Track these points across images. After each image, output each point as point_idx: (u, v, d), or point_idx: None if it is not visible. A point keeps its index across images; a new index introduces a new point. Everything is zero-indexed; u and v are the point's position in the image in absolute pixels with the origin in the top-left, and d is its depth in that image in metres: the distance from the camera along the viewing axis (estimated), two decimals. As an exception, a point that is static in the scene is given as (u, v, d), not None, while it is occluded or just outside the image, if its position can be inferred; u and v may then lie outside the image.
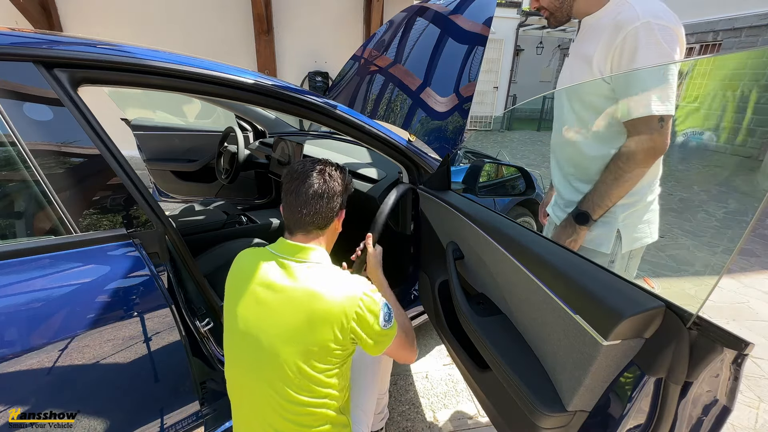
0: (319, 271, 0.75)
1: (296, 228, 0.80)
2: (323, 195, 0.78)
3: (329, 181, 0.80)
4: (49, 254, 0.70)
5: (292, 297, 0.72)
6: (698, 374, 0.54)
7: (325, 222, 0.81)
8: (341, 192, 0.83)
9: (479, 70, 1.19)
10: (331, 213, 0.81)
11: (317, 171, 0.79)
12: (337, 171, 0.83)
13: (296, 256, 0.77)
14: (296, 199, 0.78)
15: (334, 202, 0.81)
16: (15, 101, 0.68)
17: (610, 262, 1.03)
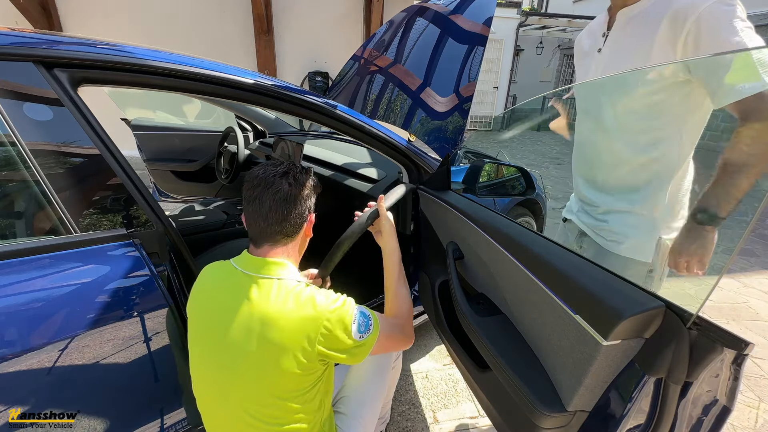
0: (281, 291, 0.69)
1: (262, 239, 0.74)
2: (290, 200, 0.73)
3: (295, 185, 0.74)
4: (49, 254, 0.70)
5: (248, 325, 0.66)
6: (698, 374, 0.54)
7: (294, 229, 0.75)
8: (309, 195, 0.77)
9: (479, 70, 1.19)
10: (300, 219, 0.76)
11: (281, 174, 0.73)
12: (302, 173, 0.77)
13: (260, 271, 0.71)
14: (260, 207, 0.71)
15: (303, 206, 0.76)
16: (15, 101, 0.68)
17: (648, 272, 0.96)
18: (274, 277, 0.70)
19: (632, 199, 0.97)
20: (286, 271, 0.73)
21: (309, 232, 0.82)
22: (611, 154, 0.98)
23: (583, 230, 1.11)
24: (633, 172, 0.95)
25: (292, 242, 0.77)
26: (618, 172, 0.98)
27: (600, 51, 0.99)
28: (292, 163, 0.78)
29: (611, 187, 1.01)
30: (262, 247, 0.74)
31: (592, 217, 1.07)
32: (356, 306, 0.75)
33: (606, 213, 1.03)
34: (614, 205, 1.00)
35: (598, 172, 1.04)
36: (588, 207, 1.09)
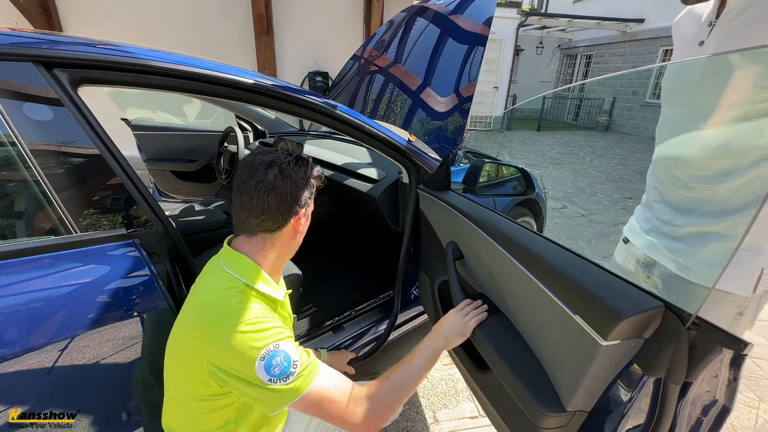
0: (223, 287, 0.64)
1: (241, 229, 0.71)
2: (273, 191, 0.67)
3: (280, 176, 0.67)
4: (49, 254, 0.70)
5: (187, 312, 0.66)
6: (697, 374, 0.54)
7: (276, 224, 0.69)
8: (299, 188, 0.69)
9: (479, 70, 1.19)
10: (285, 213, 0.69)
11: (266, 163, 0.68)
12: (295, 164, 0.70)
13: (227, 264, 0.68)
14: (242, 196, 0.68)
15: (289, 199, 0.68)
16: (15, 101, 0.68)
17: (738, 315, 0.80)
18: (232, 273, 0.66)
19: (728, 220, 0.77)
20: (251, 273, 0.68)
21: (298, 228, 0.73)
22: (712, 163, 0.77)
23: (650, 257, 0.91)
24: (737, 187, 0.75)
25: (272, 238, 0.70)
26: (717, 188, 0.78)
27: (702, 44, 0.79)
28: (287, 152, 0.72)
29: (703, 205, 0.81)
30: (239, 236, 0.71)
31: (670, 239, 0.86)
32: (290, 344, 0.62)
33: (689, 235, 0.83)
34: (704, 226, 0.80)
35: (687, 185, 0.82)
36: (665, 226, 0.88)
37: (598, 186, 4.67)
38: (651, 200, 0.93)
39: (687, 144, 0.84)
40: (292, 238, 0.74)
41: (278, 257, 0.74)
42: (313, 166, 0.74)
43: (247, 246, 0.70)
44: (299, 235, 0.76)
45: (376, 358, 1.74)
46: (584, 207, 3.85)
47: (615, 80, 9.93)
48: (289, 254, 0.77)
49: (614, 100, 9.95)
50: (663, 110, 0.89)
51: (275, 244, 0.71)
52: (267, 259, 0.71)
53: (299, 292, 1.45)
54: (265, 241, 0.70)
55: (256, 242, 0.70)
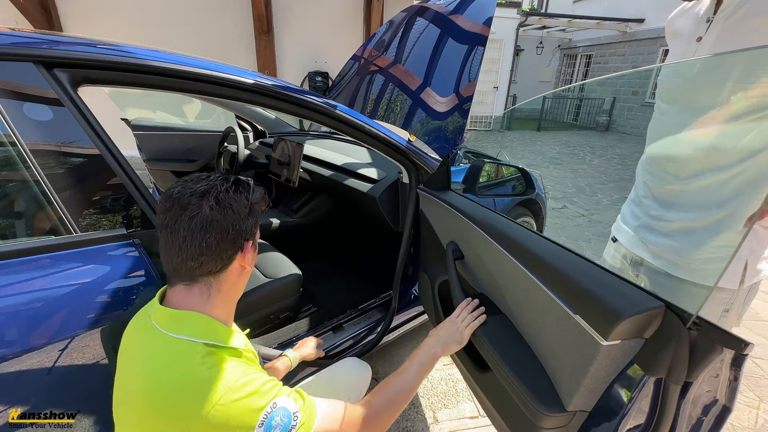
0: (174, 359, 0.52)
1: (176, 277, 0.58)
2: (210, 227, 0.55)
3: (218, 208, 0.56)
4: (49, 254, 0.70)
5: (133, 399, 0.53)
6: (698, 374, 0.54)
7: (219, 265, 0.58)
8: (241, 218, 0.59)
9: (479, 70, 1.19)
10: (229, 250, 0.58)
11: (199, 193, 0.56)
12: (234, 190, 0.59)
13: (168, 327, 0.55)
14: (172, 236, 0.55)
15: (231, 233, 0.57)
16: (15, 101, 0.68)
17: (724, 311, 0.81)
18: (182, 337, 0.54)
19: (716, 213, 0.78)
20: (200, 329, 0.56)
21: (247, 264, 0.63)
22: (703, 157, 0.78)
23: (638, 255, 0.92)
24: (726, 180, 0.75)
25: (217, 281, 0.59)
26: (706, 181, 0.78)
27: (700, 40, 0.79)
28: (223, 177, 0.60)
29: (692, 199, 0.81)
30: (175, 286, 0.59)
31: (658, 234, 0.87)
32: (284, 396, 0.55)
33: (678, 230, 0.83)
34: (692, 221, 0.81)
35: (678, 180, 0.82)
36: (654, 222, 0.89)
37: (598, 186, 4.67)
38: (640, 196, 0.93)
39: (679, 140, 0.84)
40: (240, 277, 0.63)
41: (227, 301, 0.63)
42: (255, 189, 0.64)
43: (188, 298, 0.58)
44: (247, 271, 0.65)
45: (375, 358, 1.75)
46: (584, 207, 3.85)
47: (615, 80, 9.93)
48: (237, 296, 0.66)
49: (614, 100, 9.95)
50: (657, 106, 0.90)
51: (222, 288, 0.60)
52: (216, 307, 0.60)
53: (299, 292, 1.45)
54: (210, 287, 0.59)
55: (199, 290, 0.58)
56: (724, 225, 0.77)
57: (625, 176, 5.18)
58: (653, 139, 0.90)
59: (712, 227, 0.79)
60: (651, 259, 0.89)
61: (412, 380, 0.75)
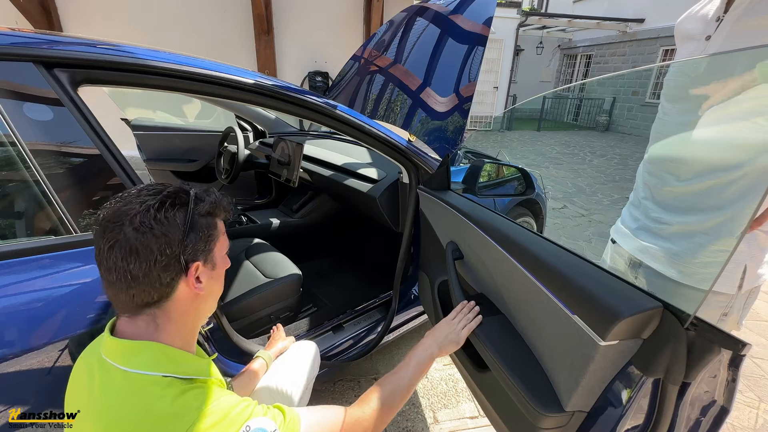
0: (133, 395, 0.47)
1: (118, 310, 0.53)
2: (130, 254, 0.48)
3: (136, 232, 0.48)
4: (49, 254, 0.70)
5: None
6: (696, 375, 0.54)
7: (155, 295, 0.51)
8: (177, 239, 0.50)
9: (479, 70, 1.19)
10: (163, 278, 0.50)
11: (122, 216, 0.48)
12: (158, 208, 0.50)
13: (120, 360, 0.49)
14: (100, 267, 0.50)
15: (161, 259, 0.49)
16: (15, 101, 0.68)
17: (722, 315, 0.81)
18: (138, 371, 0.48)
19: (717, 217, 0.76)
20: (152, 361, 0.50)
21: (196, 287, 0.54)
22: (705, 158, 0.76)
23: (636, 257, 0.91)
24: (727, 183, 0.73)
25: (161, 311, 0.52)
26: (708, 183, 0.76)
27: (709, 39, 0.78)
28: (155, 189, 0.52)
29: (693, 201, 0.79)
30: (121, 317, 0.53)
31: (657, 238, 0.86)
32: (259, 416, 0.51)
33: (678, 234, 0.82)
34: (692, 225, 0.79)
35: (679, 181, 0.80)
36: (654, 224, 0.87)
37: (598, 186, 4.67)
38: (641, 197, 0.92)
39: (681, 140, 0.83)
40: (194, 302, 0.55)
41: (183, 328, 0.56)
42: (199, 198, 0.55)
43: (134, 329, 0.52)
44: (205, 295, 0.56)
45: (376, 358, 1.75)
46: (584, 207, 3.86)
47: (615, 80, 9.93)
48: (199, 321, 0.59)
49: (614, 100, 9.95)
50: (661, 106, 0.89)
51: (171, 317, 0.53)
52: (170, 335, 0.53)
53: (299, 292, 1.45)
54: (155, 318, 0.52)
55: (144, 322, 0.52)
56: (725, 229, 0.75)
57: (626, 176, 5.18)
58: (656, 140, 0.89)
59: (712, 231, 0.77)
60: (650, 261, 0.88)
61: (410, 380, 0.75)
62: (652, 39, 8.90)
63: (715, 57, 0.77)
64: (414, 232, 1.40)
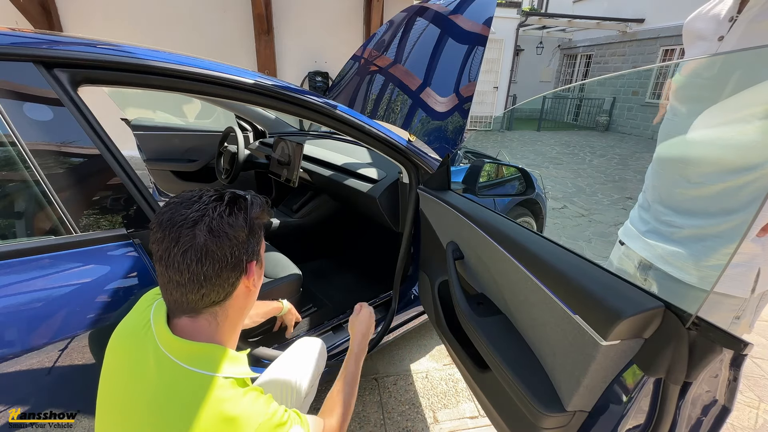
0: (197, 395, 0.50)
1: (179, 310, 0.55)
2: (206, 257, 0.51)
3: (211, 236, 0.51)
4: (49, 254, 0.70)
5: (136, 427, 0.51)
6: (697, 374, 0.54)
7: (223, 294, 0.55)
8: (243, 241, 0.55)
9: (479, 70, 1.19)
10: (231, 278, 0.54)
11: (192, 222, 0.51)
12: (228, 213, 0.53)
13: (180, 358, 0.52)
14: (168, 270, 0.52)
15: (231, 261, 0.53)
16: (15, 101, 0.68)
17: (735, 318, 0.80)
18: (199, 370, 0.51)
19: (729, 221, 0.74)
20: (217, 362, 0.53)
21: (251, 286, 0.59)
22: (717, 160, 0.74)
23: (647, 260, 0.89)
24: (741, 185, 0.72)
25: (222, 309, 0.56)
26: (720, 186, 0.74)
27: (722, 39, 0.77)
28: (216, 196, 0.55)
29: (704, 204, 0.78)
30: (180, 318, 0.55)
31: (668, 241, 0.84)
32: (297, 425, 0.56)
33: (689, 237, 0.81)
34: (704, 228, 0.78)
35: (690, 184, 0.79)
36: (664, 227, 0.86)
37: (598, 186, 4.67)
38: (650, 200, 0.91)
39: (692, 141, 0.81)
40: (247, 298, 0.60)
41: (236, 326, 0.61)
42: (253, 202, 0.59)
43: (195, 329, 0.55)
44: (254, 291, 0.62)
45: (375, 358, 1.75)
46: (584, 207, 3.86)
47: (615, 80, 9.93)
48: (245, 317, 0.64)
49: (614, 100, 9.95)
50: (671, 106, 0.87)
51: (228, 315, 0.57)
52: (226, 333, 0.58)
53: (299, 292, 1.45)
54: (216, 316, 0.56)
55: (206, 322, 0.55)
56: (738, 232, 0.73)
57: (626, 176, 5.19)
58: (665, 141, 0.88)
59: (725, 234, 0.75)
60: (661, 264, 0.86)
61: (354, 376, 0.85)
62: (652, 39, 8.90)
63: (728, 56, 0.76)
64: (414, 232, 1.40)
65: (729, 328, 0.78)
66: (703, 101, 0.78)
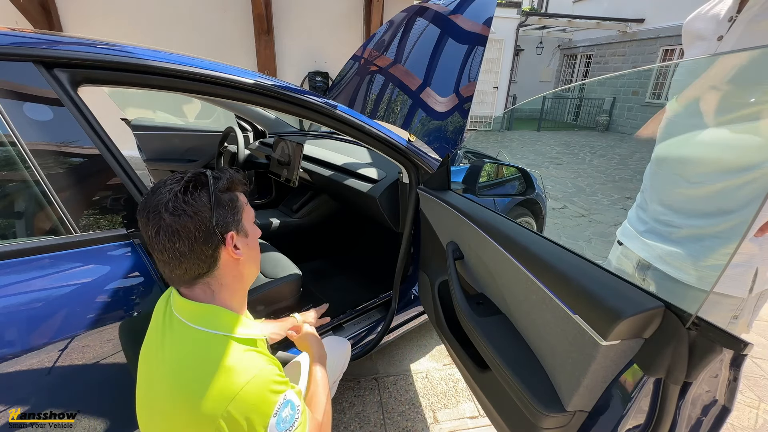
0: (201, 350, 0.56)
1: (175, 284, 0.62)
2: (174, 235, 0.55)
3: (173, 216, 0.55)
4: (49, 254, 0.70)
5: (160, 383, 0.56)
6: (697, 374, 0.54)
7: (205, 267, 0.59)
8: (207, 216, 0.57)
9: (479, 70, 1.19)
10: (207, 250, 0.58)
11: (158, 205, 0.56)
12: (184, 192, 0.57)
13: (191, 319, 0.58)
14: (152, 250, 0.58)
15: (199, 235, 0.57)
16: (15, 101, 0.68)
17: (733, 318, 0.80)
18: (203, 327, 0.57)
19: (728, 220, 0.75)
20: (219, 320, 0.59)
21: (236, 255, 0.62)
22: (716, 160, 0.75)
23: (645, 260, 0.90)
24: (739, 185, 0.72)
25: (213, 279, 0.61)
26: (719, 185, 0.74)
27: (721, 39, 0.76)
28: (178, 178, 0.59)
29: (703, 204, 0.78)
30: (180, 288, 0.62)
31: (667, 241, 0.84)
32: (293, 391, 0.59)
33: (687, 237, 0.81)
34: (703, 228, 0.78)
35: (689, 184, 0.79)
36: (662, 227, 0.86)
37: (598, 186, 4.68)
38: (648, 200, 0.91)
39: (691, 141, 0.82)
40: (237, 267, 0.63)
41: (236, 291, 0.65)
42: (220, 176, 0.62)
43: (195, 297, 0.61)
44: (244, 260, 0.64)
45: (376, 358, 1.75)
46: (584, 207, 3.86)
47: (615, 80, 9.93)
48: (246, 283, 0.67)
49: (614, 100, 9.95)
50: (669, 106, 0.87)
51: (222, 283, 0.62)
52: (226, 299, 0.63)
53: (299, 292, 1.45)
54: (210, 286, 0.61)
55: (201, 291, 0.61)
56: (736, 233, 0.73)
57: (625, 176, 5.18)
58: (664, 141, 0.88)
59: (724, 234, 0.76)
60: (659, 264, 0.87)
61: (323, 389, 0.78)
62: (652, 39, 8.90)
63: (726, 57, 0.76)
64: (414, 232, 1.40)
65: (727, 328, 0.79)
66: (702, 101, 0.78)
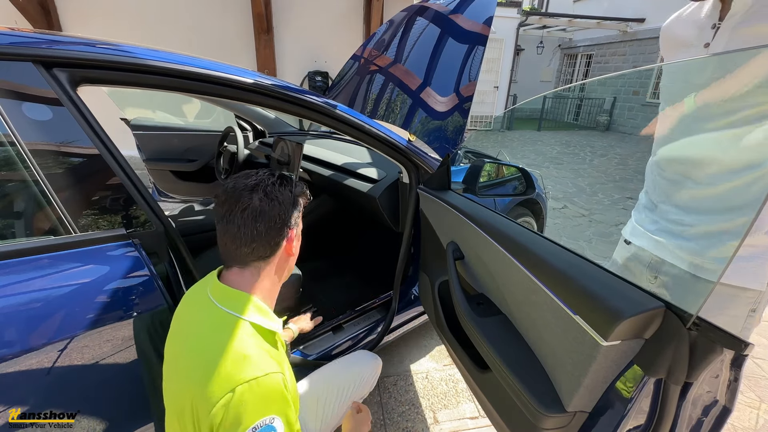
0: (224, 333, 0.59)
1: (232, 261, 0.67)
2: (261, 217, 0.64)
3: (266, 200, 0.64)
4: (49, 254, 0.70)
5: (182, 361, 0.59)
6: (698, 375, 0.54)
7: (269, 251, 0.67)
8: (287, 209, 0.67)
9: (479, 69, 1.19)
10: (277, 238, 0.67)
11: (250, 188, 0.64)
12: (279, 185, 0.67)
13: (222, 302, 0.63)
14: (228, 226, 0.64)
15: (278, 222, 0.66)
16: (14, 101, 0.68)
17: (751, 311, 0.80)
18: (234, 313, 0.62)
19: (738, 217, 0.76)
20: (250, 308, 0.64)
21: (291, 251, 0.71)
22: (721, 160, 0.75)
23: (658, 257, 0.89)
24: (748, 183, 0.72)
25: (267, 265, 0.68)
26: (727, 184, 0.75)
27: (708, 46, 0.78)
28: (269, 173, 0.69)
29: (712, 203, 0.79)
30: (231, 269, 0.67)
31: (680, 238, 0.84)
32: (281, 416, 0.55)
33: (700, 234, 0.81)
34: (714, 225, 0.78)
35: (696, 184, 0.80)
36: (674, 226, 0.86)
37: (598, 186, 4.67)
38: (655, 200, 0.91)
39: (693, 142, 0.82)
40: (286, 261, 0.72)
41: (274, 284, 0.72)
42: (297, 184, 0.72)
43: (241, 278, 0.67)
44: (293, 257, 0.74)
45: (376, 358, 1.74)
46: (585, 207, 3.85)
47: (615, 80, 9.93)
48: (284, 278, 0.74)
49: (615, 100, 9.94)
50: (662, 109, 0.88)
51: (270, 271, 0.69)
52: (263, 288, 0.69)
53: (299, 292, 1.45)
54: (260, 270, 0.68)
55: (250, 273, 0.67)
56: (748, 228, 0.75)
57: (626, 176, 5.18)
58: (661, 142, 0.88)
59: (735, 231, 0.76)
60: (674, 261, 0.86)
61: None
62: (653, 39, 8.89)
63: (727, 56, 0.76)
64: (414, 232, 1.40)
65: (746, 321, 0.80)
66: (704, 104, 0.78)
